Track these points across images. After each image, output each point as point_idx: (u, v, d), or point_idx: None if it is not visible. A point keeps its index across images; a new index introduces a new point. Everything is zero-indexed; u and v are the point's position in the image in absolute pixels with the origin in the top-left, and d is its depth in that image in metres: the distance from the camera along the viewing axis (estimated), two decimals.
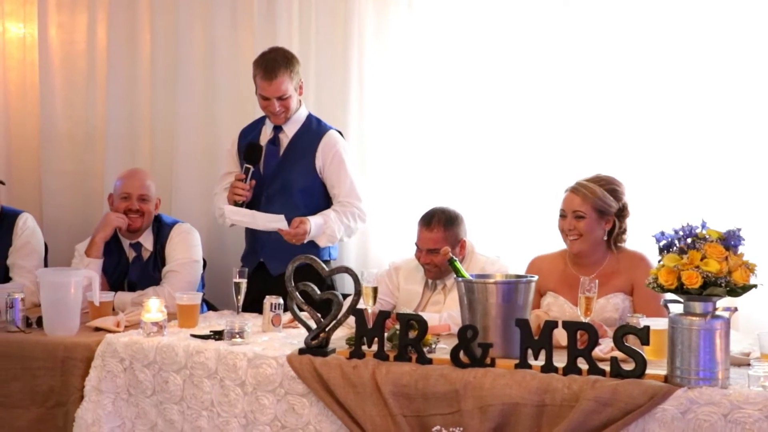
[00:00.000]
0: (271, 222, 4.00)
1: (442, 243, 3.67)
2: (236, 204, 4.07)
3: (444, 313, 3.57)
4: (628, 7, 4.19)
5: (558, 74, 4.30)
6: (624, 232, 3.56)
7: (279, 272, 3.91)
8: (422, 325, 2.99)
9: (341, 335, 3.27)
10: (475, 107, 4.45)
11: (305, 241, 3.99)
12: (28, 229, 4.30)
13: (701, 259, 2.64)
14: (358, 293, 3.13)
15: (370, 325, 3.07)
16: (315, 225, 4.00)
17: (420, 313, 3.33)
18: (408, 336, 3.00)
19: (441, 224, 3.72)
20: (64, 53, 5.21)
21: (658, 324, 2.90)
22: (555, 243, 3.74)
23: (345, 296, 3.30)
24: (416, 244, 3.78)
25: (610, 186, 3.52)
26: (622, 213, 3.53)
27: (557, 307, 3.54)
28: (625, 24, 4.20)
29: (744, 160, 4.04)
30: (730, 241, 2.68)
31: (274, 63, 4.05)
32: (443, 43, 4.49)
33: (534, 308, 3.55)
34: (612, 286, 3.49)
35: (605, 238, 3.54)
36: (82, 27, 5.18)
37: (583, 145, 4.27)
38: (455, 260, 3.26)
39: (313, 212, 4.07)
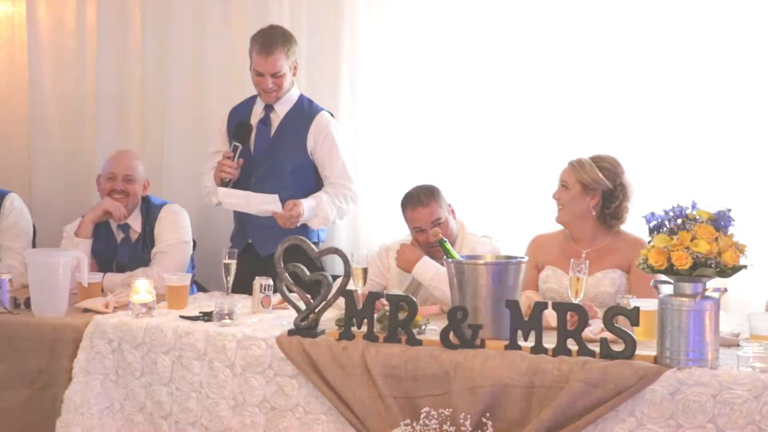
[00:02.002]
0: (265, 204, 3.98)
1: (440, 212, 3.72)
2: (223, 182, 4.04)
3: (443, 268, 3.54)
4: None
5: (552, 58, 4.28)
6: (617, 213, 3.53)
7: (268, 253, 3.89)
8: (412, 307, 2.98)
9: (331, 316, 3.25)
10: (467, 89, 4.43)
11: (298, 225, 3.97)
12: (15, 209, 4.28)
13: (691, 240, 2.63)
14: (347, 274, 3.12)
15: (360, 306, 3.05)
16: (308, 207, 3.98)
17: (422, 259, 3.39)
18: (398, 317, 2.98)
19: (430, 196, 3.75)
20: (53, 32, 5.17)
21: (648, 305, 2.90)
22: (548, 224, 3.75)
23: (335, 277, 3.28)
24: (415, 228, 3.75)
25: (602, 164, 3.53)
26: (613, 193, 3.51)
27: (555, 278, 3.56)
28: (622, 6, 4.16)
29: (733, 142, 4.03)
30: (720, 221, 2.67)
31: (271, 39, 4.04)
32: (435, 24, 4.46)
33: (531, 284, 3.57)
34: (609, 262, 3.51)
35: (594, 213, 3.53)
36: (72, 6, 5.14)
37: (576, 127, 4.25)
38: (445, 241, 3.27)
39: (304, 193, 4.05)
